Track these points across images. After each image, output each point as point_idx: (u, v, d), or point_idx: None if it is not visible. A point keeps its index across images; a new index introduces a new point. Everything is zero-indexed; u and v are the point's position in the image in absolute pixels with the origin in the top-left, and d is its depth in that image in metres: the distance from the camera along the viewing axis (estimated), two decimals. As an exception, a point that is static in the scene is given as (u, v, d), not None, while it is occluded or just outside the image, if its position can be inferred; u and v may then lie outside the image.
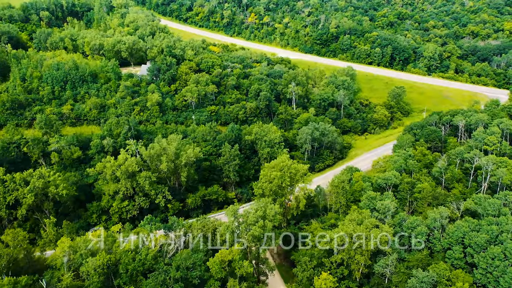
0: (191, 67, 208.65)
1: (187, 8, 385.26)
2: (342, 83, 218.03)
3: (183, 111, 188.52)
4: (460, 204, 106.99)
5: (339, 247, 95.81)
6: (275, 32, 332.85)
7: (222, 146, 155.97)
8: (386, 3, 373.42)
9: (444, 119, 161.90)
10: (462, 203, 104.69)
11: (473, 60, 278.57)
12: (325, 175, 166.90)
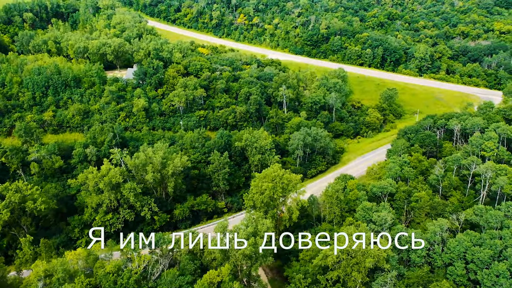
0: (179, 70, 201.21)
1: (175, 9, 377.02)
2: (334, 86, 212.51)
3: (171, 116, 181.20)
4: (460, 215, 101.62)
5: (335, 264, 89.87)
6: (265, 33, 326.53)
7: (211, 153, 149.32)
8: (376, 3, 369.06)
9: (438, 122, 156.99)
10: (463, 215, 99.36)
11: (464, 60, 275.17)
12: (318, 182, 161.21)
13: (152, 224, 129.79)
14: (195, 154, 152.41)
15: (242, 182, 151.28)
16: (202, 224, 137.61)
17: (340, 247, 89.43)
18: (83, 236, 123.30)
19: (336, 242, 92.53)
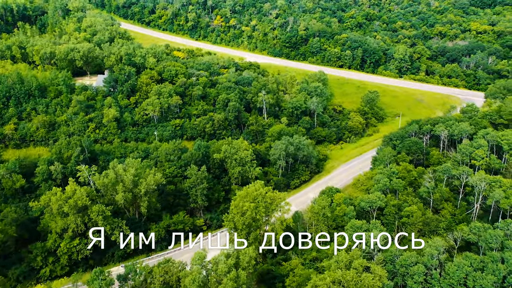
0: (153, 76, 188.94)
1: (150, 11, 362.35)
2: (315, 90, 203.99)
3: (144, 126, 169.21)
4: (456, 233, 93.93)
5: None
6: (243, 35, 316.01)
7: (188, 167, 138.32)
8: (353, 4, 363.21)
9: (424, 128, 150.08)
10: (459, 234, 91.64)
11: (442, 61, 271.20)
12: (302, 193, 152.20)
13: (125, 247, 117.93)
14: (171, 167, 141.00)
15: (222, 196, 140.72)
16: (179, 244, 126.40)
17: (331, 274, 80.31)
18: (46, 264, 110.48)
19: (331, 258, 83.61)
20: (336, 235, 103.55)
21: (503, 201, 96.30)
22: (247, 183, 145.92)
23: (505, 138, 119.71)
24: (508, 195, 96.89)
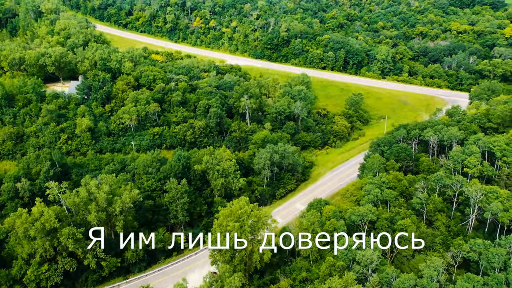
0: (129, 82, 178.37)
1: (127, 12, 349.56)
2: (298, 93, 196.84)
3: (121, 136, 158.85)
4: (455, 250, 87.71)
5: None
6: (223, 36, 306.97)
7: (167, 180, 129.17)
8: (334, 4, 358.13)
9: (412, 133, 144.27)
10: (458, 252, 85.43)
11: (425, 61, 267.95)
12: (288, 203, 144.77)
13: (100, 270, 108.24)
14: (149, 181, 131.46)
15: (204, 210, 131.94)
16: (159, 264, 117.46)
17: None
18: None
19: (322, 279, 75.97)
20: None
21: (502, 215, 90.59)
22: (231, 195, 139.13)
23: (497, 144, 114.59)
24: (507, 207, 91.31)
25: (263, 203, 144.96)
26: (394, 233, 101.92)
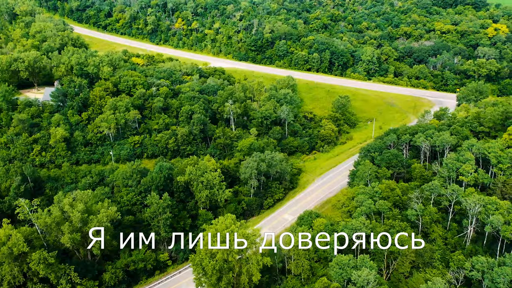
0: (108, 88, 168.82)
1: (106, 14, 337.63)
2: (284, 97, 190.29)
3: (99, 145, 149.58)
4: (452, 265, 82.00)
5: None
6: (206, 38, 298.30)
7: (148, 193, 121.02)
8: (318, 4, 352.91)
9: (403, 138, 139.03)
10: (461, 272, 79.70)
11: (410, 62, 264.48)
12: (276, 213, 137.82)
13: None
14: (129, 194, 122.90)
15: (189, 224, 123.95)
16: (141, 285, 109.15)
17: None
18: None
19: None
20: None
21: (504, 228, 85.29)
22: (217, 206, 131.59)
23: (492, 150, 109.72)
24: (508, 220, 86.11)
25: (250, 214, 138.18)
26: (390, 247, 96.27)
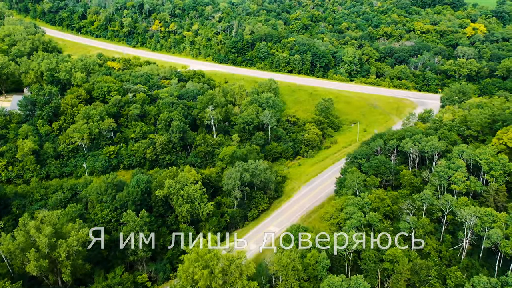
0: (80, 95, 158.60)
1: (80, 16, 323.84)
2: (266, 101, 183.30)
3: (71, 157, 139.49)
4: (450, 282, 76.47)
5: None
6: (184, 40, 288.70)
7: (124, 208, 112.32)
8: (297, 5, 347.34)
9: (390, 143, 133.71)
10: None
11: (391, 62, 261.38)
12: (261, 225, 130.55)
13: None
14: (104, 211, 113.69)
15: (169, 241, 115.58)
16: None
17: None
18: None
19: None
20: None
21: (504, 243, 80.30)
22: (198, 220, 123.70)
23: (483, 157, 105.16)
24: (508, 234, 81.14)
25: (234, 226, 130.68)
26: (383, 264, 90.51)
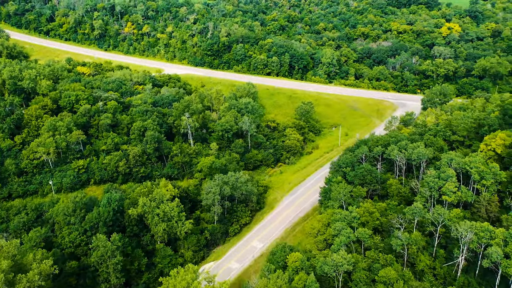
0: (46, 105, 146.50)
1: (48, 18, 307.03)
2: (245, 106, 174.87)
3: (36, 174, 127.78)
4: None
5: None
6: (159, 43, 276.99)
7: (95, 230, 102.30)
8: (273, 5, 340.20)
9: (375, 150, 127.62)
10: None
11: (369, 63, 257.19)
12: (244, 240, 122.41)
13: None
14: (71, 234, 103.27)
15: (144, 263, 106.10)
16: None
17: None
18: None
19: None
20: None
21: (505, 263, 74.82)
22: (176, 239, 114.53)
23: (473, 165, 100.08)
24: (508, 253, 75.68)
25: (214, 243, 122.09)
26: (376, 286, 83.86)
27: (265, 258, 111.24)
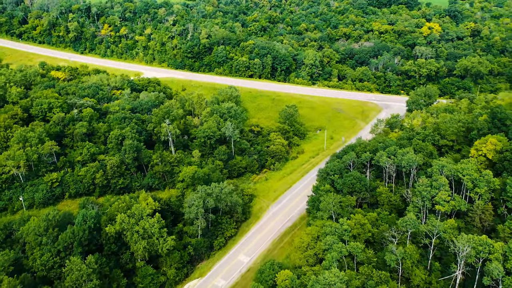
0: (16, 115, 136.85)
1: (20, 20, 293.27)
2: (228, 111, 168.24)
3: (5, 189, 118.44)
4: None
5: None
6: (137, 45, 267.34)
7: (69, 251, 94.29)
8: (254, 6, 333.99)
9: (363, 157, 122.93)
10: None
11: (352, 64, 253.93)
12: (229, 254, 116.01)
13: None
14: (43, 256, 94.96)
15: (124, 284, 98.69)
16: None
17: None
18: None
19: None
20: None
21: (508, 281, 70.73)
22: (158, 256, 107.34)
23: (466, 173, 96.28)
24: (509, 269, 71.67)
25: (199, 258, 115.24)
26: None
27: (252, 274, 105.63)
